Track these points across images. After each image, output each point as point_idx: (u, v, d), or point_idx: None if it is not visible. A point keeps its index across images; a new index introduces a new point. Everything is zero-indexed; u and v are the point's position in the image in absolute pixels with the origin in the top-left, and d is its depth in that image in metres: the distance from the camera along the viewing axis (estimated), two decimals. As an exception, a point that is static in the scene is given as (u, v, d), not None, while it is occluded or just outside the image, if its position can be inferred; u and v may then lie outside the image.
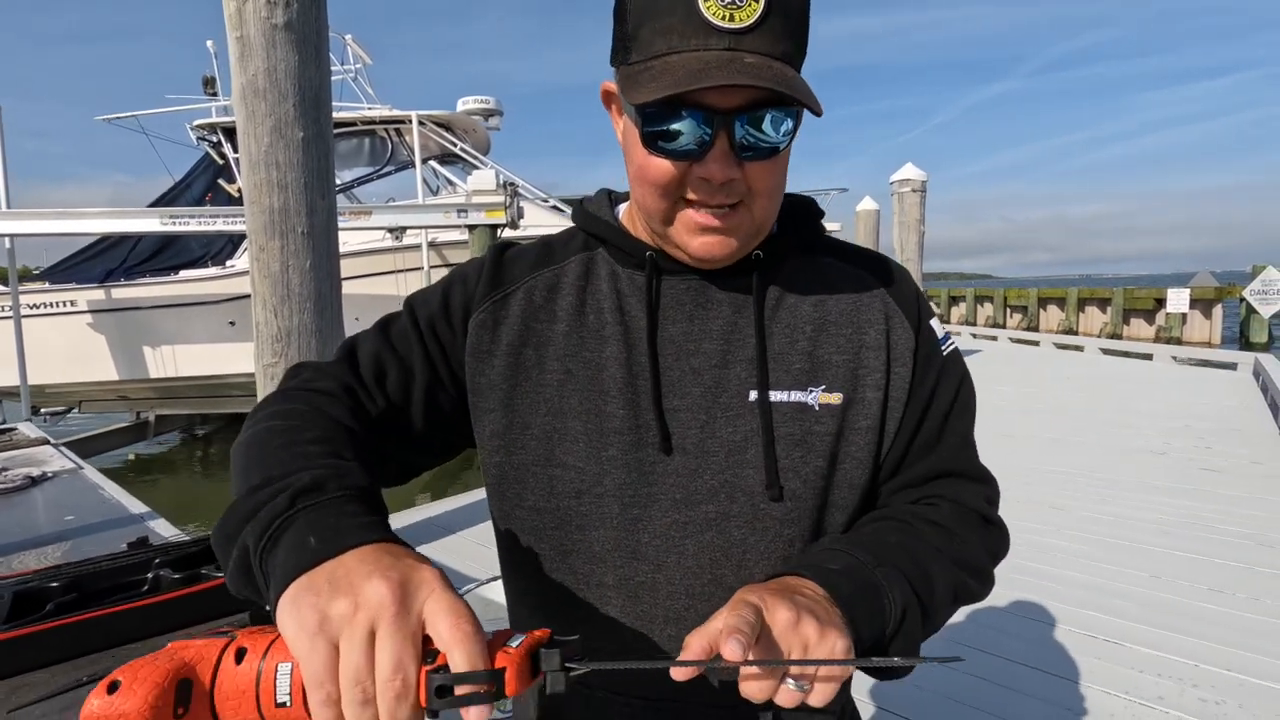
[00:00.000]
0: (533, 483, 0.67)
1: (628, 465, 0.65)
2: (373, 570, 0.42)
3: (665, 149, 0.58)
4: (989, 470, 0.73)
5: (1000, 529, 0.71)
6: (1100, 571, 3.14)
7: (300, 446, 0.55)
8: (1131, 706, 2.17)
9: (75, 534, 1.20)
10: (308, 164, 2.80)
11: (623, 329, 0.68)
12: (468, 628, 0.40)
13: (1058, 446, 5.37)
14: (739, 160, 0.59)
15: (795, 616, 0.48)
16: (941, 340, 0.71)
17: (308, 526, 0.46)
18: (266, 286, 2.81)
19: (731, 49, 0.55)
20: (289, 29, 2.70)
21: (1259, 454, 5.08)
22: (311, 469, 0.51)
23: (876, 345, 0.68)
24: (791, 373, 0.66)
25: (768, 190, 0.61)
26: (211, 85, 9.86)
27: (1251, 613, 2.74)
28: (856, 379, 0.67)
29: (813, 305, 0.69)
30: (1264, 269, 17.57)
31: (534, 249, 0.75)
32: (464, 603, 0.42)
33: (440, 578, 0.43)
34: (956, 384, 0.71)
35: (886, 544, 0.62)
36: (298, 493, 0.48)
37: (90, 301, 8.53)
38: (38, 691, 0.74)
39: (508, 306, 0.70)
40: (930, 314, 0.72)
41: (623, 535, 0.65)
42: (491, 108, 10.30)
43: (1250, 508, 3.94)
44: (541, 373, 0.68)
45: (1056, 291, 23.20)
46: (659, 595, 0.65)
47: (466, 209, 6.67)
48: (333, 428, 0.59)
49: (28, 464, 1.63)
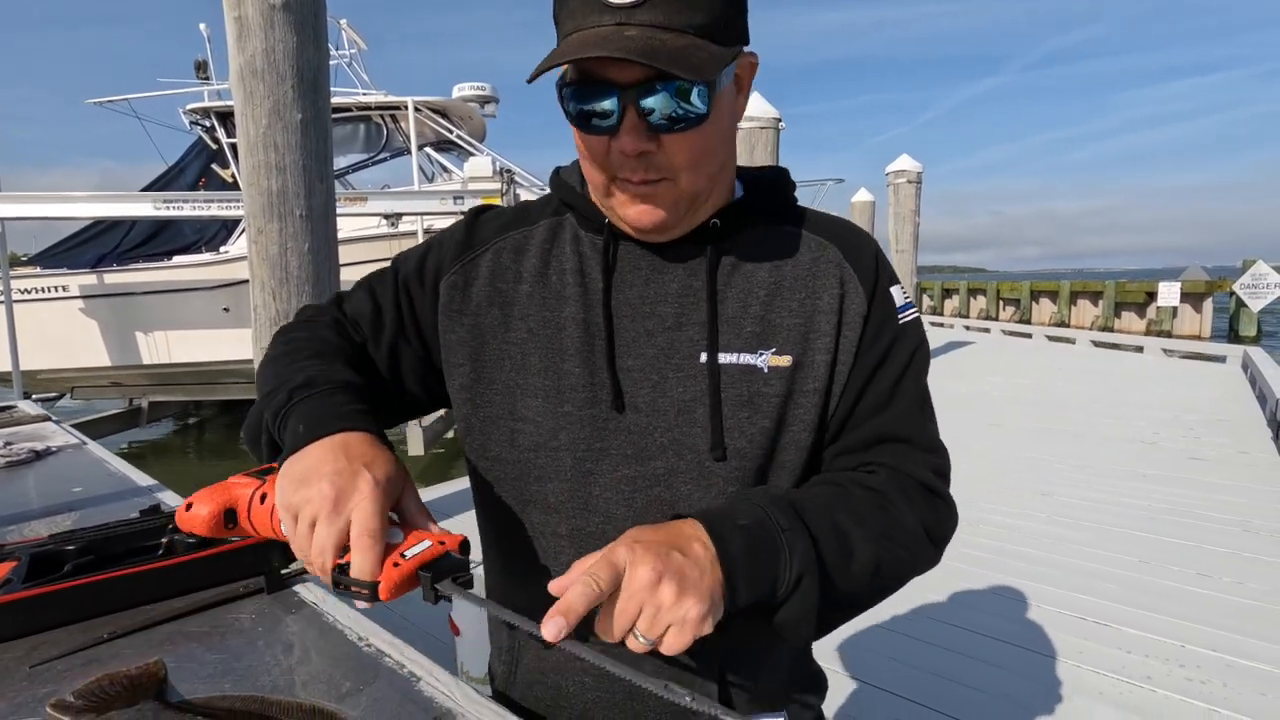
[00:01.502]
0: (496, 435, 0.71)
1: (582, 421, 0.68)
2: (327, 472, 0.55)
3: (587, 125, 0.62)
4: (940, 441, 0.71)
5: (945, 502, 0.69)
6: (1089, 556, 3.19)
7: (300, 360, 0.68)
8: (1119, 685, 2.21)
9: (84, 504, 1.21)
10: (306, 146, 2.79)
11: (582, 290, 0.71)
12: (367, 540, 0.53)
13: (1048, 436, 5.42)
14: (653, 133, 0.60)
15: (656, 578, 0.51)
16: (901, 308, 0.71)
17: (299, 416, 0.61)
18: (265, 269, 2.81)
19: (620, 24, 0.57)
20: (287, 10, 2.69)
21: (1246, 444, 5.15)
22: (306, 371, 0.66)
23: (829, 309, 0.68)
24: (742, 336, 0.67)
25: (688, 162, 0.62)
26: (204, 69, 9.76)
27: (1237, 596, 2.79)
28: (807, 342, 0.67)
29: (769, 270, 0.70)
30: (1254, 263, 17.71)
31: (510, 211, 0.79)
32: (378, 515, 0.54)
33: (372, 488, 0.54)
34: (911, 350, 0.70)
35: (810, 506, 0.61)
36: (293, 389, 0.64)
37: (83, 287, 8.46)
38: (59, 648, 0.75)
39: (477, 267, 0.74)
40: (891, 281, 0.72)
41: (576, 488, 0.69)
42: (487, 94, 10.24)
43: (1237, 495, 4.00)
44: (506, 330, 0.72)
45: (1049, 285, 23.31)
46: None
47: (462, 196, 6.65)
48: (325, 345, 0.72)
49: (31, 439, 1.64)
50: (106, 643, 0.76)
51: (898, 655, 2.38)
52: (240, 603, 0.86)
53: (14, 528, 1.10)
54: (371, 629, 0.80)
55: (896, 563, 0.64)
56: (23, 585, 0.78)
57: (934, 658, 2.37)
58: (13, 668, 0.72)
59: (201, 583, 0.87)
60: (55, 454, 1.53)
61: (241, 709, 0.64)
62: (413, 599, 0.57)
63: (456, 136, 9.46)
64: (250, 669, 0.72)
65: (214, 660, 0.73)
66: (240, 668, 0.72)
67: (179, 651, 0.75)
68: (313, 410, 0.61)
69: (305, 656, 0.75)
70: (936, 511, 0.68)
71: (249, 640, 0.77)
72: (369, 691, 0.68)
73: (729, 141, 0.67)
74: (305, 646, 0.77)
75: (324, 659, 0.74)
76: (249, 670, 0.72)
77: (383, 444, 0.60)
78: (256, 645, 0.76)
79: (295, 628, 0.80)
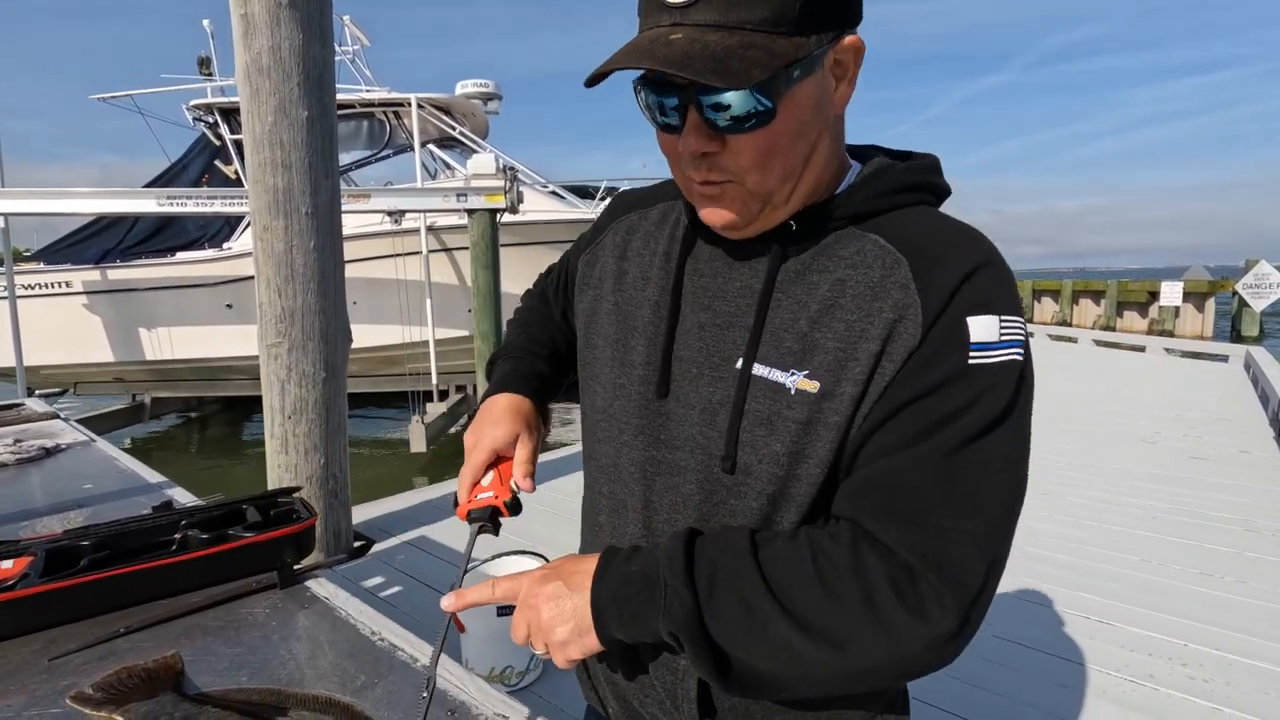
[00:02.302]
0: (586, 392, 0.80)
1: (630, 396, 0.72)
2: (477, 426, 0.80)
3: (660, 122, 0.62)
4: (974, 513, 0.54)
5: (935, 596, 0.52)
6: (1091, 555, 3.19)
7: (511, 333, 0.94)
8: (1122, 684, 2.22)
9: (95, 501, 1.22)
10: (312, 144, 2.80)
11: (664, 274, 0.73)
12: (463, 478, 0.78)
13: (1050, 435, 5.42)
14: (716, 133, 0.58)
15: (535, 602, 0.62)
16: (982, 345, 0.56)
17: (492, 378, 0.87)
18: (270, 267, 2.82)
19: (675, 24, 0.56)
20: (293, 7, 2.69)
21: (1248, 443, 5.14)
22: (503, 348, 0.91)
23: (875, 337, 0.59)
24: (780, 350, 0.63)
25: (754, 163, 0.59)
26: (207, 65, 9.76)
27: (1239, 595, 2.80)
28: (841, 370, 0.60)
29: (832, 284, 0.62)
30: (1256, 263, 17.68)
31: (640, 192, 0.85)
32: (473, 466, 0.77)
33: (478, 444, 0.78)
34: (971, 397, 0.55)
35: (726, 569, 0.57)
36: (489, 363, 0.91)
37: (86, 283, 8.48)
38: (76, 642, 0.76)
39: (603, 246, 0.82)
40: (980, 310, 0.57)
41: (615, 455, 0.73)
42: (490, 91, 10.24)
43: (1239, 495, 4.01)
44: (605, 302, 0.78)
45: (1051, 284, 23.29)
46: (629, 517, 0.72)
47: (466, 193, 6.65)
48: (529, 317, 0.94)
49: (40, 436, 1.65)
50: (123, 636, 0.77)
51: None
52: (254, 597, 0.87)
53: (27, 523, 1.11)
54: (384, 624, 0.81)
55: (819, 659, 0.54)
56: (40, 580, 0.79)
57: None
58: (32, 661, 0.73)
59: (215, 578, 0.88)
60: (65, 451, 1.54)
61: (259, 701, 0.65)
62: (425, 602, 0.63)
63: (459, 133, 9.46)
64: (265, 662, 0.73)
65: (229, 654, 0.74)
66: (256, 661, 0.73)
67: (195, 645, 0.76)
68: (493, 379, 0.86)
69: (319, 650, 0.75)
70: (910, 604, 0.52)
71: (264, 634, 0.78)
72: (383, 685, 0.69)
73: (807, 137, 0.60)
74: (319, 640, 0.77)
75: (338, 653, 0.75)
76: (264, 664, 0.73)
77: (515, 406, 0.81)
78: (271, 639, 0.77)
79: (308, 622, 0.81)
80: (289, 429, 2.88)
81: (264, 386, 2.90)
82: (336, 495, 3.03)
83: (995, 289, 0.58)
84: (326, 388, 2.92)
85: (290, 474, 2.90)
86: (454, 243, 8.32)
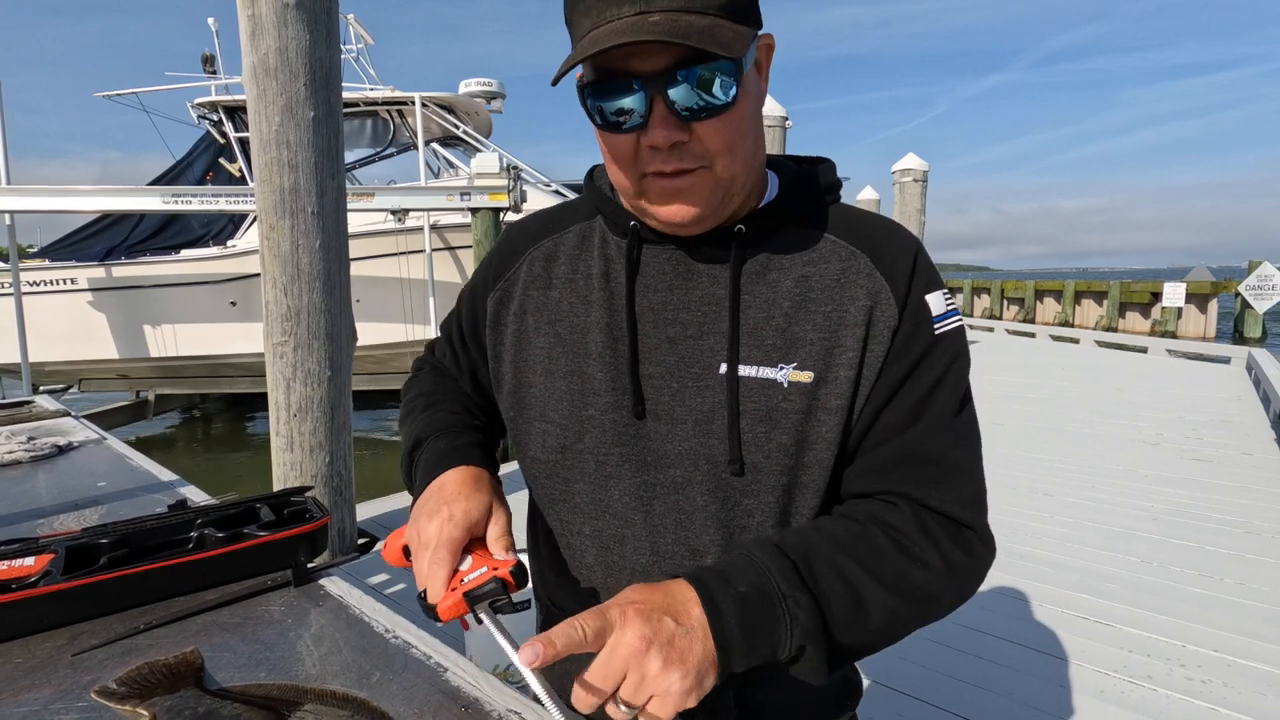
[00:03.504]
0: (532, 436, 0.74)
1: (603, 425, 0.69)
2: (421, 513, 0.66)
3: (614, 124, 0.61)
4: (974, 463, 0.65)
5: (977, 535, 0.63)
6: (1091, 556, 3.21)
7: (415, 417, 0.81)
8: (1121, 685, 2.24)
9: (110, 498, 1.24)
10: (318, 144, 2.82)
11: (607, 295, 0.71)
12: (434, 568, 0.62)
13: (1052, 436, 5.44)
14: (683, 122, 0.59)
15: (644, 645, 0.49)
16: (939, 316, 0.66)
17: (419, 470, 0.74)
18: (276, 266, 2.84)
19: (641, 12, 0.56)
20: (300, 8, 2.71)
21: (1249, 445, 5.16)
22: (416, 431, 0.78)
23: (855, 323, 0.64)
24: (763, 348, 0.65)
25: (723, 146, 0.60)
26: (211, 64, 9.78)
27: (1238, 597, 2.81)
28: (830, 357, 0.64)
29: (795, 280, 0.66)
30: (1259, 264, 17.66)
31: (538, 219, 0.81)
32: (446, 545, 0.63)
33: (444, 524, 0.63)
34: (946, 361, 0.65)
35: (820, 560, 0.58)
36: (409, 450, 0.78)
37: (91, 280, 8.50)
38: (99, 637, 0.78)
39: (516, 279, 0.78)
40: (929, 287, 0.66)
41: (598, 490, 0.70)
42: (494, 90, 10.24)
43: (1239, 496, 4.02)
44: (538, 336, 0.74)
45: (1054, 284, 23.27)
46: (626, 549, 0.70)
47: (469, 192, 6.66)
48: (431, 397, 0.83)
49: (52, 434, 1.67)
50: (144, 632, 0.79)
51: (906, 654, 2.41)
52: (269, 595, 0.88)
53: (44, 521, 1.13)
54: (398, 621, 0.82)
55: (915, 616, 0.60)
56: (62, 577, 0.81)
57: (939, 656, 2.40)
58: (55, 656, 0.75)
59: (231, 575, 0.90)
60: (77, 449, 1.56)
61: (278, 696, 0.67)
62: None
63: (463, 132, 9.47)
64: (283, 659, 0.75)
65: (247, 650, 0.76)
66: (273, 658, 0.75)
67: (214, 642, 0.78)
68: (425, 463, 0.73)
69: (335, 647, 0.77)
70: (966, 549, 0.62)
71: (280, 631, 0.80)
72: (399, 681, 0.71)
73: (757, 125, 0.64)
74: (334, 638, 0.79)
75: (353, 650, 0.77)
76: (281, 660, 0.74)
77: (472, 479, 0.69)
78: (287, 636, 0.79)
79: (323, 620, 0.83)
80: (294, 427, 2.91)
81: (270, 385, 2.92)
82: (341, 493, 3.05)
83: (931, 269, 0.68)
84: (331, 386, 2.95)
85: (296, 472, 2.92)
86: (457, 241, 8.33)
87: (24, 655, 0.75)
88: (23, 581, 0.81)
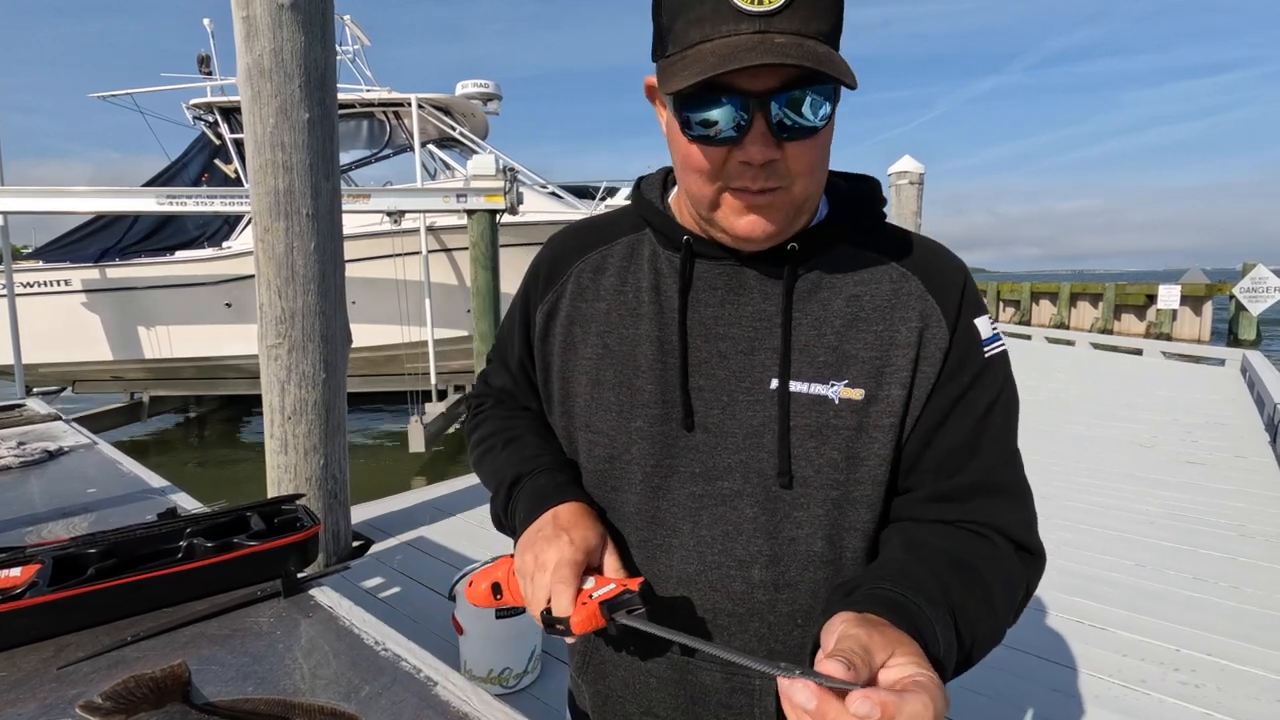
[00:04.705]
0: (580, 445, 0.76)
1: (652, 437, 0.70)
2: (539, 539, 0.66)
3: (705, 136, 0.60)
4: (1028, 487, 0.69)
5: (1040, 559, 0.68)
6: (1085, 559, 3.21)
7: (501, 454, 0.79)
8: (1114, 689, 2.24)
9: (99, 506, 1.23)
10: (313, 145, 2.81)
11: (657, 308, 0.72)
12: (560, 586, 0.61)
13: (1046, 438, 5.45)
14: (777, 141, 0.59)
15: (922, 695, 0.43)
16: (986, 341, 0.68)
17: (521, 506, 0.72)
18: (271, 268, 2.83)
19: (762, 31, 0.56)
20: (295, 9, 2.70)
21: (1243, 448, 5.17)
22: (513, 467, 0.76)
23: (907, 343, 0.66)
24: (815, 364, 0.67)
25: (807, 168, 0.62)
26: (207, 64, 9.76)
27: (1232, 600, 2.82)
28: (881, 375, 0.66)
29: (847, 298, 0.68)
30: (1254, 267, 17.74)
31: (581, 231, 0.81)
32: (570, 565, 0.62)
33: (568, 545, 0.64)
34: (997, 387, 0.68)
35: (957, 601, 0.59)
36: (509, 486, 0.76)
37: (85, 281, 8.48)
38: (84, 650, 0.77)
39: (564, 294, 0.77)
40: (978, 311, 0.69)
41: (645, 501, 0.71)
42: (490, 92, 10.24)
43: (1233, 500, 4.03)
44: (585, 347, 0.74)
45: (1049, 286, 23.34)
46: (673, 559, 0.70)
47: (466, 194, 6.66)
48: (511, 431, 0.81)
49: (42, 439, 1.66)
50: (131, 645, 0.78)
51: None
52: (258, 606, 0.88)
53: (32, 529, 1.12)
54: (387, 633, 0.82)
55: (998, 635, 0.64)
56: (48, 589, 0.80)
57: (932, 660, 2.40)
58: (41, 669, 0.74)
59: (221, 586, 0.89)
60: (68, 454, 1.55)
61: (265, 711, 0.67)
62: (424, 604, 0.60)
63: (459, 133, 9.47)
64: (271, 672, 0.74)
65: (235, 663, 0.76)
66: (261, 671, 0.74)
67: (201, 654, 0.77)
68: (528, 499, 0.72)
69: (324, 660, 0.77)
70: (1034, 573, 0.67)
71: (269, 644, 0.79)
72: (388, 695, 0.70)
73: (830, 150, 0.66)
74: (324, 650, 0.79)
75: (342, 662, 0.76)
76: (270, 673, 0.74)
77: (584, 512, 0.69)
78: (276, 649, 0.79)
79: (313, 631, 0.83)
80: (289, 430, 2.89)
81: (264, 387, 2.91)
82: (336, 496, 3.04)
83: (977, 294, 0.70)
84: (326, 388, 2.93)
85: (290, 474, 2.91)
86: (453, 243, 8.33)
87: (8, 668, 0.74)
88: (8, 593, 0.80)
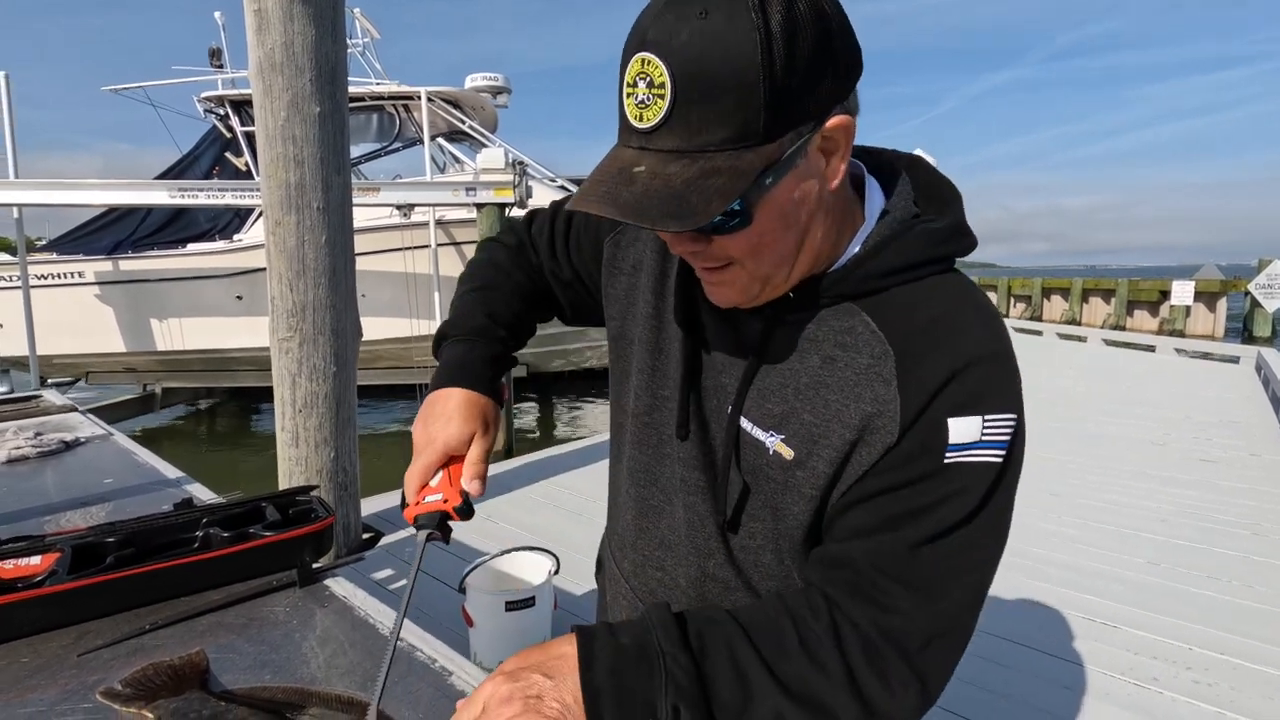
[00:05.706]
0: (618, 388, 0.80)
1: (672, 409, 0.72)
2: (426, 421, 0.75)
3: None
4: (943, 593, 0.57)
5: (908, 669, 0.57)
6: (1098, 557, 3.19)
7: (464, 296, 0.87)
8: (1126, 687, 2.23)
9: (116, 496, 1.24)
10: (324, 139, 2.81)
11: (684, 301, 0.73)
12: (411, 480, 0.73)
13: (1059, 435, 5.41)
14: (699, 235, 0.57)
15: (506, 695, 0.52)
16: (959, 445, 0.57)
17: (442, 357, 0.81)
18: (282, 261, 2.84)
19: (641, 148, 0.54)
20: (306, 2, 2.70)
21: (1258, 446, 5.12)
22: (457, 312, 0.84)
23: (850, 424, 0.60)
24: (763, 410, 0.65)
25: (746, 253, 0.58)
26: (218, 57, 9.79)
27: (1245, 599, 2.80)
28: (815, 444, 0.61)
29: (823, 359, 0.63)
30: (1270, 263, 17.52)
31: None
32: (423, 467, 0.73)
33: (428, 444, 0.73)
34: (944, 494, 0.57)
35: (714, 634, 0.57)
36: (439, 335, 0.83)
37: (98, 273, 8.54)
38: (104, 637, 0.78)
39: (638, 236, 0.78)
40: (962, 411, 0.57)
41: (653, 462, 0.75)
42: (500, 85, 10.23)
43: (1247, 498, 3.99)
44: (643, 300, 0.76)
45: (1061, 282, 23.15)
46: (662, 522, 0.75)
47: (475, 187, 6.65)
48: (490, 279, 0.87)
49: (59, 429, 1.67)
50: (150, 633, 0.79)
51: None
52: (274, 596, 0.88)
53: (51, 518, 1.14)
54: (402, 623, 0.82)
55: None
56: (68, 577, 0.81)
57: (941, 656, 2.39)
58: (61, 656, 0.75)
59: (237, 576, 0.90)
60: (84, 445, 1.57)
61: (282, 699, 0.67)
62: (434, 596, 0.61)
63: (469, 127, 9.46)
64: (288, 660, 0.75)
65: (252, 651, 0.76)
66: (278, 659, 0.75)
67: (219, 642, 0.78)
68: (443, 364, 0.80)
69: (340, 649, 0.77)
70: (881, 674, 0.56)
71: (285, 633, 0.80)
72: (403, 684, 0.71)
73: (795, 226, 0.59)
74: (339, 639, 0.79)
75: (358, 652, 0.77)
76: (286, 662, 0.74)
77: (468, 404, 0.76)
78: (293, 638, 0.79)
79: (328, 621, 0.83)
80: (300, 423, 2.91)
81: (275, 380, 2.93)
82: (346, 488, 3.06)
83: (985, 386, 0.57)
84: (337, 382, 2.95)
85: (301, 467, 2.93)
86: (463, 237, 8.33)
87: (30, 654, 0.75)
88: (29, 581, 0.81)
